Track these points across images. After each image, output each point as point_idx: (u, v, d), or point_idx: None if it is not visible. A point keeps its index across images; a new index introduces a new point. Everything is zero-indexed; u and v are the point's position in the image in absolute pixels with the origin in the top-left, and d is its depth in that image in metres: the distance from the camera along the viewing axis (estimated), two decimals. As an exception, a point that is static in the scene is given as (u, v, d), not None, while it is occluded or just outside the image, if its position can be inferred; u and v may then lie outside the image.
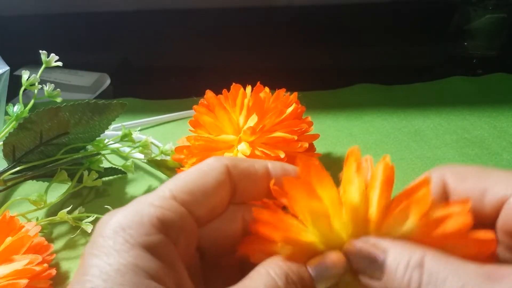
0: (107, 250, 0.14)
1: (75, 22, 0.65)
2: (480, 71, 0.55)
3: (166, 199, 0.16)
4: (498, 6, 0.56)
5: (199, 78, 0.61)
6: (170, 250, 0.15)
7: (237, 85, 0.35)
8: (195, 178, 0.17)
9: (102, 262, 0.14)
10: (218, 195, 0.17)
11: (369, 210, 0.17)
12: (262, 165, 0.19)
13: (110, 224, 0.15)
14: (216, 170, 0.17)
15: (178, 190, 0.16)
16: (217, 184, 0.17)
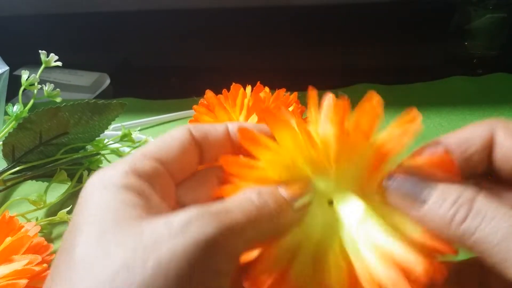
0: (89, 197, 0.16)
1: (75, 22, 0.65)
2: (480, 71, 0.55)
3: (137, 156, 0.18)
4: (498, 6, 0.56)
5: (199, 78, 0.61)
6: (143, 187, 0.17)
7: (237, 85, 0.35)
8: (161, 140, 0.19)
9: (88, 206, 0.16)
10: (185, 152, 0.19)
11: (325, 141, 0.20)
12: (222, 125, 0.21)
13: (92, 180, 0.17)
14: (179, 132, 0.20)
15: (147, 150, 0.19)
16: (181, 143, 0.19)
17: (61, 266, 0.15)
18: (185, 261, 0.14)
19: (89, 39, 0.66)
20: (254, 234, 0.17)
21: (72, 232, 0.16)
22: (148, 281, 0.14)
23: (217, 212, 0.16)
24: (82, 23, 0.65)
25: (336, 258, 0.19)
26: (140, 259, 0.14)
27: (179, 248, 0.14)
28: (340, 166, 0.20)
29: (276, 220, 0.18)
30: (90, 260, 0.14)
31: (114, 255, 0.14)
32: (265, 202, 0.18)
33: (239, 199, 0.18)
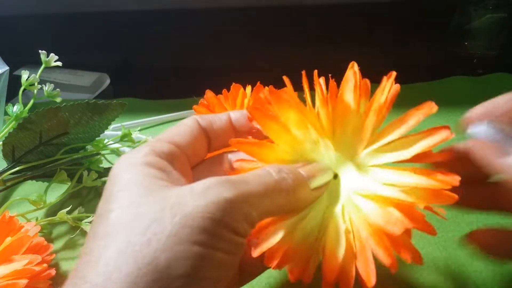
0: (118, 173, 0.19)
1: (75, 22, 0.65)
2: (480, 71, 0.55)
3: (154, 141, 0.21)
4: (499, 6, 0.56)
5: (199, 78, 0.61)
6: (164, 164, 0.20)
7: (237, 85, 0.35)
8: (174, 128, 0.22)
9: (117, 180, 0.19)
10: (195, 138, 0.22)
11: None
12: (225, 114, 0.24)
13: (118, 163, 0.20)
14: (189, 121, 0.22)
15: (163, 135, 0.21)
16: (191, 130, 0.22)
17: (99, 228, 0.17)
18: (207, 216, 0.16)
19: (89, 39, 0.66)
20: (270, 205, 0.19)
21: (105, 201, 0.18)
22: (177, 231, 0.16)
23: (236, 181, 0.18)
24: (82, 23, 0.65)
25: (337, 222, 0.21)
26: (168, 215, 0.16)
27: (201, 206, 0.16)
28: (336, 140, 0.22)
29: (292, 195, 0.20)
30: (124, 220, 0.17)
31: (144, 214, 0.17)
32: (283, 177, 0.19)
33: (259, 173, 0.19)
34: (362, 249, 0.20)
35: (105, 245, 0.16)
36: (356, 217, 0.21)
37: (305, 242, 0.21)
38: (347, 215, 0.21)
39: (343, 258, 0.20)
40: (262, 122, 0.22)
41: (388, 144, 0.21)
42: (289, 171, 0.20)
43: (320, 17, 0.64)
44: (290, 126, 0.22)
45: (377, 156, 0.21)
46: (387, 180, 0.20)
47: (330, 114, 0.22)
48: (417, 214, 0.19)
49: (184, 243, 0.16)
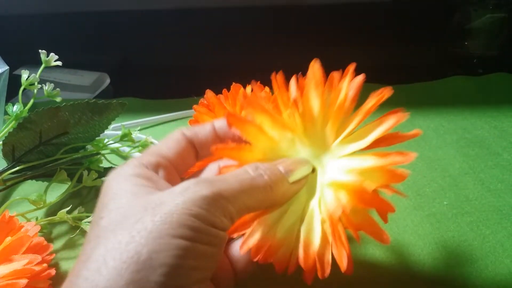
0: (109, 184, 0.21)
1: (75, 22, 0.65)
2: (480, 71, 0.55)
3: (143, 154, 0.23)
4: (499, 6, 0.56)
5: (199, 78, 0.61)
6: (152, 174, 0.21)
7: (237, 84, 0.35)
8: (161, 141, 0.24)
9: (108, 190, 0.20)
10: (181, 149, 0.23)
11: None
12: (209, 123, 0.25)
13: (110, 175, 0.21)
14: (174, 134, 0.24)
15: (150, 149, 0.23)
16: (177, 142, 0.24)
17: (91, 233, 0.19)
18: (185, 212, 0.18)
19: (89, 39, 0.66)
20: (248, 201, 0.20)
21: (97, 211, 0.20)
22: (157, 227, 0.17)
23: (212, 180, 0.20)
24: (82, 22, 0.65)
25: (314, 213, 0.22)
26: (150, 214, 0.18)
27: (179, 203, 0.18)
28: (308, 136, 0.23)
29: (270, 190, 0.21)
30: (112, 223, 0.18)
31: (130, 215, 0.18)
32: (260, 174, 0.21)
33: (236, 171, 0.21)
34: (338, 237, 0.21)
35: (95, 245, 0.18)
36: (325, 207, 0.22)
37: (288, 235, 0.22)
38: (323, 206, 0.22)
39: (318, 246, 0.21)
40: (240, 126, 0.23)
41: (351, 134, 0.23)
42: (266, 168, 0.21)
43: (320, 17, 0.64)
44: (265, 128, 0.23)
45: (344, 147, 0.23)
46: (349, 166, 0.22)
47: (301, 113, 0.23)
48: (368, 196, 0.20)
49: (164, 237, 0.17)
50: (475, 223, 0.33)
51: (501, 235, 0.32)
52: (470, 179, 0.38)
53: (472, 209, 0.34)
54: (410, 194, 0.36)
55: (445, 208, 0.35)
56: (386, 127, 0.22)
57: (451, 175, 0.38)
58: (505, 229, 0.32)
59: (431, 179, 0.38)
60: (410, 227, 0.33)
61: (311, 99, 0.23)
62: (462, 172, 0.39)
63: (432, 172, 0.39)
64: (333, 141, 0.23)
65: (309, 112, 0.23)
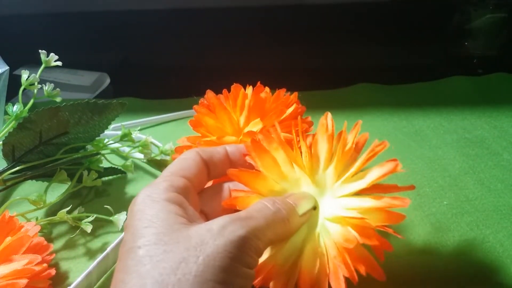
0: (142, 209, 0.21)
1: (75, 22, 0.65)
2: (480, 71, 0.55)
3: (170, 175, 0.23)
4: (499, 6, 0.56)
5: (199, 78, 0.61)
6: (181, 200, 0.22)
7: (238, 85, 0.35)
8: (181, 161, 0.25)
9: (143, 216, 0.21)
10: (199, 170, 0.25)
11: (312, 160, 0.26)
12: (222, 147, 0.27)
13: (139, 198, 0.22)
14: (192, 154, 0.25)
15: (174, 169, 0.24)
16: (196, 163, 0.25)
17: (129, 262, 0.19)
18: (226, 255, 0.19)
19: (89, 39, 0.66)
20: (272, 236, 0.22)
21: (133, 237, 0.20)
22: (202, 271, 0.18)
23: (244, 218, 0.21)
24: (82, 22, 0.65)
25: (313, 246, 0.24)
26: (193, 256, 0.18)
27: (220, 245, 0.19)
28: (314, 176, 0.26)
29: (287, 223, 0.23)
30: (153, 257, 0.19)
31: (171, 252, 0.19)
32: (278, 209, 0.22)
33: (259, 207, 0.22)
34: (334, 268, 0.23)
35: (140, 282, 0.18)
36: (327, 239, 0.24)
37: (286, 263, 0.24)
38: (322, 240, 0.25)
39: (316, 276, 0.24)
40: (259, 154, 0.26)
41: (351, 177, 0.25)
42: (282, 202, 0.23)
43: (320, 17, 0.64)
44: (278, 161, 0.26)
45: (345, 187, 0.26)
46: (349, 205, 0.25)
47: (311, 157, 0.26)
48: (371, 232, 0.23)
49: (208, 282, 0.18)
50: (475, 223, 0.33)
51: (501, 235, 0.32)
52: (470, 179, 0.38)
53: (472, 209, 0.34)
54: (410, 194, 0.36)
55: (445, 208, 0.35)
56: (384, 171, 0.24)
57: (451, 175, 0.38)
58: (505, 229, 0.32)
59: (431, 179, 0.38)
60: (410, 227, 0.33)
61: (320, 144, 0.27)
62: (462, 172, 0.39)
63: (432, 172, 0.39)
64: (334, 182, 0.26)
65: (317, 155, 0.26)
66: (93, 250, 0.33)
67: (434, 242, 0.31)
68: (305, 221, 0.24)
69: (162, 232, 0.20)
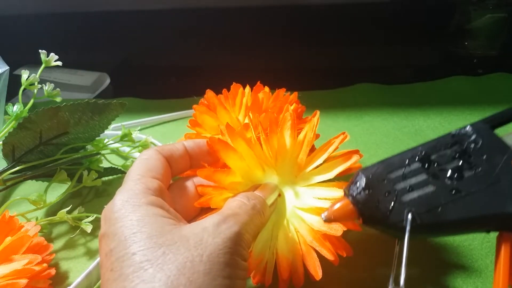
0: (124, 215, 0.20)
1: (75, 22, 0.65)
2: (480, 71, 0.55)
3: (140, 178, 0.23)
4: (499, 6, 0.56)
5: (199, 78, 0.61)
6: (162, 202, 0.22)
7: (237, 84, 0.35)
8: (146, 161, 0.25)
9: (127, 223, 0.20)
10: (164, 168, 0.25)
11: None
12: (180, 143, 0.27)
13: (117, 204, 0.21)
14: (153, 154, 0.25)
15: (142, 170, 0.24)
16: (161, 162, 0.25)
17: (126, 270, 0.18)
18: (226, 251, 0.19)
19: (89, 39, 0.66)
20: (254, 228, 0.23)
21: (121, 243, 0.19)
22: (210, 269, 0.18)
23: (232, 214, 0.22)
24: (82, 22, 0.65)
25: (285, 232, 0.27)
26: (197, 255, 0.19)
27: (220, 242, 0.19)
28: (278, 167, 0.28)
29: (263, 215, 0.24)
30: (152, 261, 0.18)
31: (172, 254, 0.19)
32: (254, 204, 0.24)
33: (238, 204, 0.23)
34: (308, 250, 0.26)
35: (146, 285, 0.17)
36: (301, 226, 0.27)
37: (262, 252, 0.26)
38: (291, 226, 0.27)
39: (292, 259, 0.26)
40: (223, 151, 0.26)
41: (316, 168, 0.28)
42: (254, 197, 0.24)
43: (320, 17, 0.64)
44: (243, 156, 0.26)
45: (310, 178, 0.28)
46: (320, 195, 0.27)
47: (273, 148, 0.27)
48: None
49: (217, 278, 0.18)
50: (475, 223, 0.33)
51: (501, 235, 0.32)
52: (470, 179, 0.38)
53: (472, 209, 0.34)
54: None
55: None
56: (348, 165, 0.27)
57: (451, 175, 0.38)
58: (505, 229, 0.32)
59: (431, 179, 0.38)
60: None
61: (284, 138, 0.28)
62: (462, 172, 0.39)
63: (432, 172, 0.39)
64: (298, 172, 0.28)
65: (282, 147, 0.28)
66: (93, 250, 0.33)
67: (434, 242, 0.31)
68: (273, 210, 0.26)
69: (155, 235, 0.19)
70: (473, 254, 0.30)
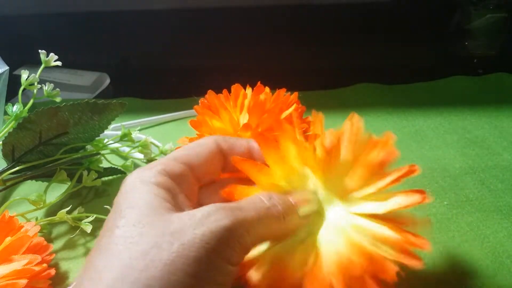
0: (130, 189, 0.20)
1: (75, 22, 0.65)
2: (480, 71, 0.55)
3: (169, 159, 0.22)
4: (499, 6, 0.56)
5: (199, 78, 0.61)
6: (172, 186, 0.21)
7: (238, 85, 0.35)
8: (191, 147, 0.23)
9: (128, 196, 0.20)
10: (210, 159, 0.23)
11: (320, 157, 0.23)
12: (246, 140, 0.25)
13: (131, 178, 0.21)
14: (207, 141, 0.24)
15: (178, 154, 0.23)
16: (208, 152, 0.23)
17: (104, 240, 0.18)
18: (203, 245, 0.17)
19: (89, 39, 0.66)
20: (263, 231, 0.20)
21: (114, 216, 0.19)
22: (173, 260, 0.17)
23: (232, 208, 0.19)
24: (82, 22, 0.65)
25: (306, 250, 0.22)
26: (167, 242, 0.17)
27: (198, 235, 0.17)
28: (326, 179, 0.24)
29: (283, 221, 0.21)
30: (127, 239, 0.18)
31: (147, 236, 0.18)
32: (274, 204, 0.21)
33: (252, 199, 0.21)
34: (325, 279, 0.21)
35: (108, 263, 0.17)
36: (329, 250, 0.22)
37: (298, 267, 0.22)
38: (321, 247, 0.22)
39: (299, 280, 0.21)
40: (265, 148, 0.23)
41: (369, 195, 0.23)
42: (279, 199, 0.21)
43: (320, 17, 0.64)
44: (288, 157, 0.24)
45: (358, 203, 0.23)
46: (364, 227, 0.22)
47: (327, 159, 0.23)
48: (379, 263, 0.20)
49: (179, 273, 0.17)
50: (475, 223, 0.33)
51: (501, 235, 0.32)
52: (470, 179, 0.38)
53: (472, 209, 0.34)
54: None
55: (445, 208, 0.35)
56: (410, 202, 0.22)
57: (451, 175, 0.38)
58: (505, 229, 0.32)
59: (431, 179, 0.38)
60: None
61: (343, 149, 0.24)
62: (462, 172, 0.39)
63: (432, 172, 0.39)
64: (350, 193, 0.23)
65: (336, 158, 0.23)
66: (93, 250, 0.33)
67: (434, 242, 0.31)
68: (305, 223, 0.23)
69: (144, 214, 0.19)
70: (473, 254, 0.30)
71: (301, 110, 0.36)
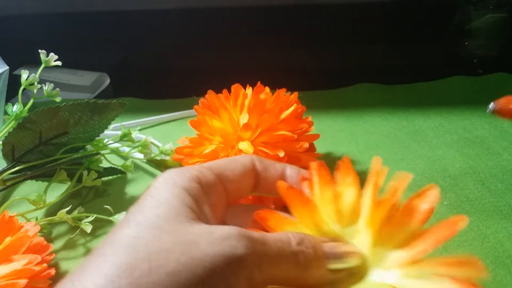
0: (159, 187, 0.20)
1: (75, 22, 0.65)
2: (480, 71, 0.55)
3: (204, 168, 0.22)
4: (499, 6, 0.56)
5: (199, 78, 0.61)
6: (201, 195, 0.20)
7: (238, 85, 0.35)
8: (228, 161, 0.23)
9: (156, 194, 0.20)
10: (243, 177, 0.23)
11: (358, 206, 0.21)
12: (282, 165, 0.24)
13: (163, 176, 0.21)
14: (244, 159, 0.23)
15: (214, 165, 0.22)
16: (243, 169, 0.23)
17: (118, 230, 0.18)
18: (210, 267, 0.16)
19: (89, 38, 0.66)
20: (278, 273, 0.18)
21: (138, 208, 0.19)
22: (178, 272, 0.16)
23: (255, 239, 0.18)
24: (82, 22, 0.65)
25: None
26: (177, 252, 0.17)
27: (210, 254, 0.17)
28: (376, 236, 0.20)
29: (303, 269, 0.19)
30: (140, 238, 0.17)
31: (159, 240, 0.17)
32: (301, 250, 0.19)
33: (280, 237, 0.19)
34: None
35: (109, 256, 0.17)
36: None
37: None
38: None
39: None
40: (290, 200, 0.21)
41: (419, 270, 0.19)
42: (311, 246, 0.19)
43: (321, 17, 0.64)
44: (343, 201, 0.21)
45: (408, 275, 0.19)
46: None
47: (382, 215, 0.20)
48: None
49: (179, 287, 0.16)
50: (475, 223, 0.33)
51: (501, 235, 0.32)
52: (470, 179, 0.38)
53: (472, 209, 0.34)
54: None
55: (445, 208, 0.35)
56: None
57: (451, 175, 0.38)
58: (505, 229, 0.32)
59: (431, 179, 0.38)
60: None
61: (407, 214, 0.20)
62: (462, 172, 0.39)
63: (432, 172, 0.39)
64: (399, 265, 0.19)
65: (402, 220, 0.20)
66: (93, 250, 0.33)
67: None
68: (335, 279, 0.19)
69: (163, 217, 0.18)
70: (473, 254, 0.30)
71: (301, 110, 0.36)
